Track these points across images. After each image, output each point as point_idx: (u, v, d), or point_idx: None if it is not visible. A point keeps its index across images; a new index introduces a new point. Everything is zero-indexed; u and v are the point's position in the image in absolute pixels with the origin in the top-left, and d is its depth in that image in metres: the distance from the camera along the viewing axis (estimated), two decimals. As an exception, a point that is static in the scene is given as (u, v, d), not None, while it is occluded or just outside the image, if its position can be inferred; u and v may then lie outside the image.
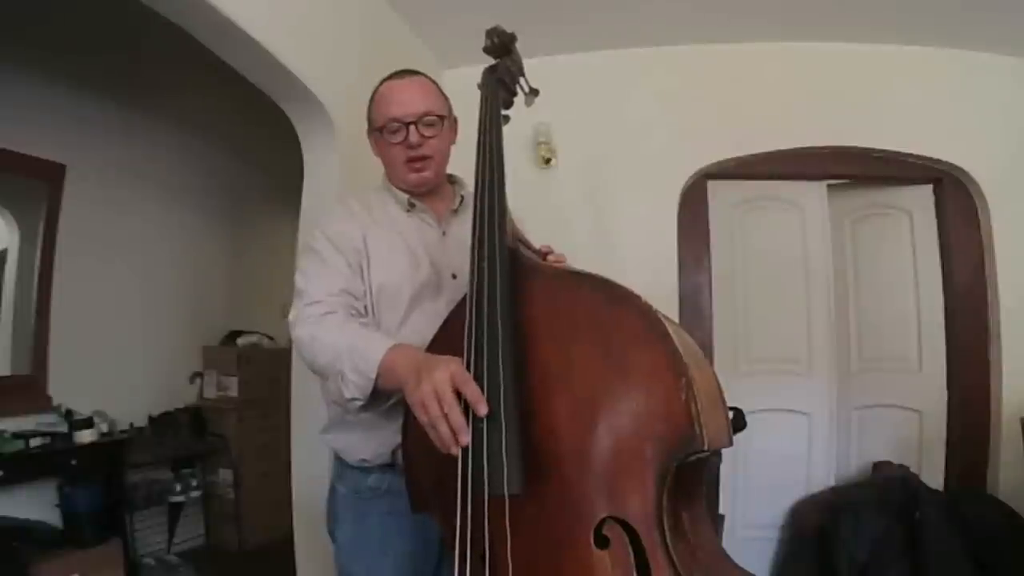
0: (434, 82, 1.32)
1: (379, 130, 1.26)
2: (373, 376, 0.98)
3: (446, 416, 0.84)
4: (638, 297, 0.88)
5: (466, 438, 0.83)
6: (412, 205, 1.28)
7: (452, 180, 1.38)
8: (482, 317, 0.93)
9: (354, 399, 1.02)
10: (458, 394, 0.85)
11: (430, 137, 1.25)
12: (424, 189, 1.29)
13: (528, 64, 1.37)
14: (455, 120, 1.35)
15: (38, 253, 2.98)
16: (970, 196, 2.79)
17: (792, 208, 2.98)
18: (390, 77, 1.30)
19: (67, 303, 3.04)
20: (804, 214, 2.96)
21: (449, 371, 0.86)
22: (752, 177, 2.93)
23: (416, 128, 1.23)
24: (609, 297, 0.89)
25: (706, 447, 0.78)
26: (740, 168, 2.86)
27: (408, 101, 1.24)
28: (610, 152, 2.83)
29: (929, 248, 2.88)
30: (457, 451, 0.84)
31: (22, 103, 2.87)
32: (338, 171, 2.12)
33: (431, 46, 2.76)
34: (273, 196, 4.32)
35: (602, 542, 0.82)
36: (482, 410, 0.84)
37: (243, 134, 3.85)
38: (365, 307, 1.19)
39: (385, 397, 1.04)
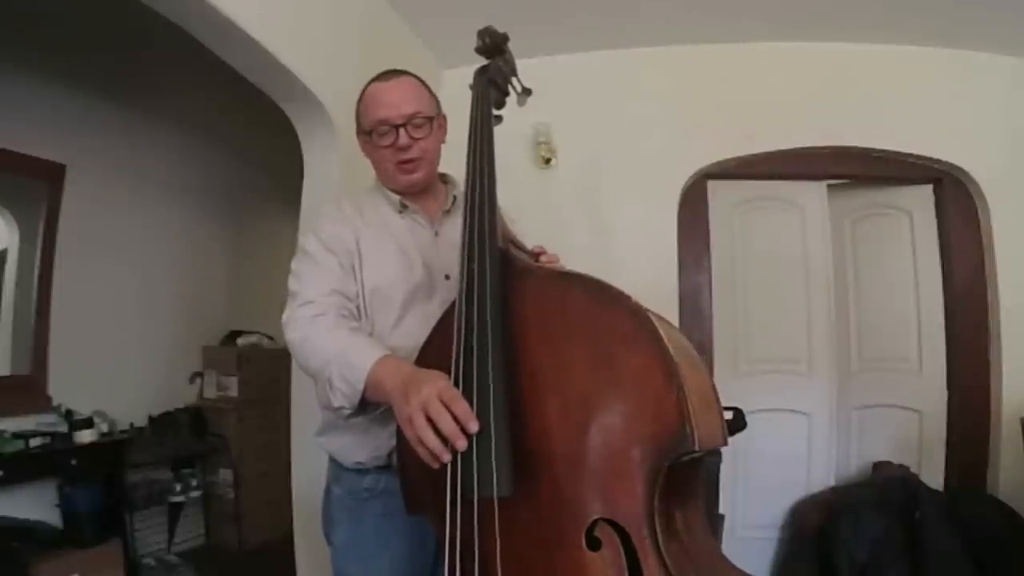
0: (422, 81, 1.31)
1: (368, 133, 1.25)
2: (360, 388, 0.98)
3: (434, 425, 0.83)
4: (628, 298, 0.87)
5: (463, 442, 0.83)
6: (404, 206, 1.28)
7: (445, 180, 1.37)
8: (472, 318, 0.93)
9: (342, 407, 1.02)
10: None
11: (419, 139, 1.24)
12: (415, 191, 1.29)
13: (527, 64, 1.37)
14: (444, 118, 1.34)
15: (38, 253, 2.98)
16: (970, 196, 2.78)
17: (792, 208, 2.98)
18: (377, 78, 1.28)
19: (67, 303, 3.04)
20: (804, 214, 2.96)
21: (436, 387, 0.86)
22: (752, 177, 2.93)
23: (405, 130, 1.22)
24: (599, 298, 0.89)
25: (697, 447, 0.78)
26: (740, 168, 2.86)
27: (396, 103, 1.23)
28: (610, 152, 2.83)
29: (929, 248, 2.88)
30: (448, 457, 0.84)
31: (22, 103, 2.87)
32: (338, 171, 2.12)
33: (431, 46, 2.76)
34: (273, 196, 4.32)
35: (594, 543, 0.82)
36: (472, 427, 0.84)
37: (243, 134, 3.85)
38: (358, 308, 1.19)
39: (374, 406, 1.04)
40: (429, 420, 0.84)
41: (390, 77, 1.27)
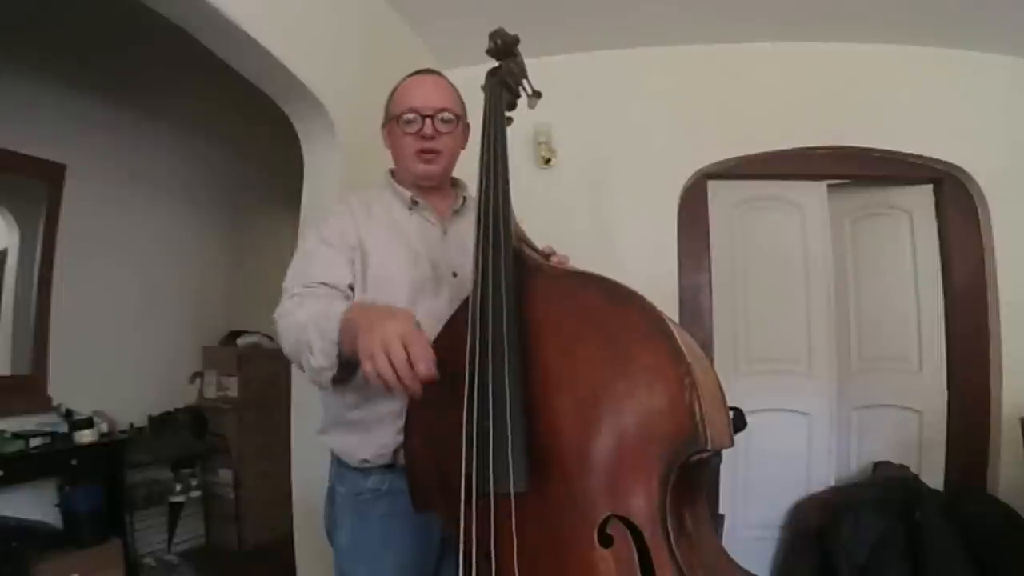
0: (454, 87, 1.34)
1: (396, 119, 1.27)
2: (336, 337, 0.98)
3: (393, 366, 0.84)
4: (641, 297, 0.88)
5: (416, 386, 0.84)
6: (415, 203, 1.29)
7: (454, 183, 1.39)
8: (487, 316, 0.93)
9: (322, 368, 1.01)
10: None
11: (444, 133, 1.27)
12: (428, 184, 1.30)
13: (528, 64, 1.37)
14: (467, 126, 1.35)
15: (38, 253, 2.98)
16: (970, 196, 2.79)
17: (792, 208, 2.98)
18: (414, 73, 1.33)
19: (67, 303, 3.04)
20: (804, 214, 2.96)
21: (399, 327, 0.86)
22: (752, 177, 2.93)
23: (432, 122, 1.25)
24: (613, 297, 0.90)
25: (709, 447, 0.79)
26: (740, 168, 2.86)
27: (429, 96, 1.27)
28: (610, 152, 2.83)
29: (929, 248, 2.88)
30: (416, 388, 0.84)
31: (22, 103, 2.87)
32: (338, 171, 2.12)
33: (431, 46, 2.76)
34: (273, 196, 4.31)
35: (606, 540, 0.82)
36: (421, 369, 0.84)
37: (243, 134, 3.85)
38: (346, 297, 1.19)
39: (359, 367, 1.02)
40: (388, 359, 0.84)
41: (428, 73, 1.32)
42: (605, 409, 0.85)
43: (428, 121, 1.25)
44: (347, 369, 1.03)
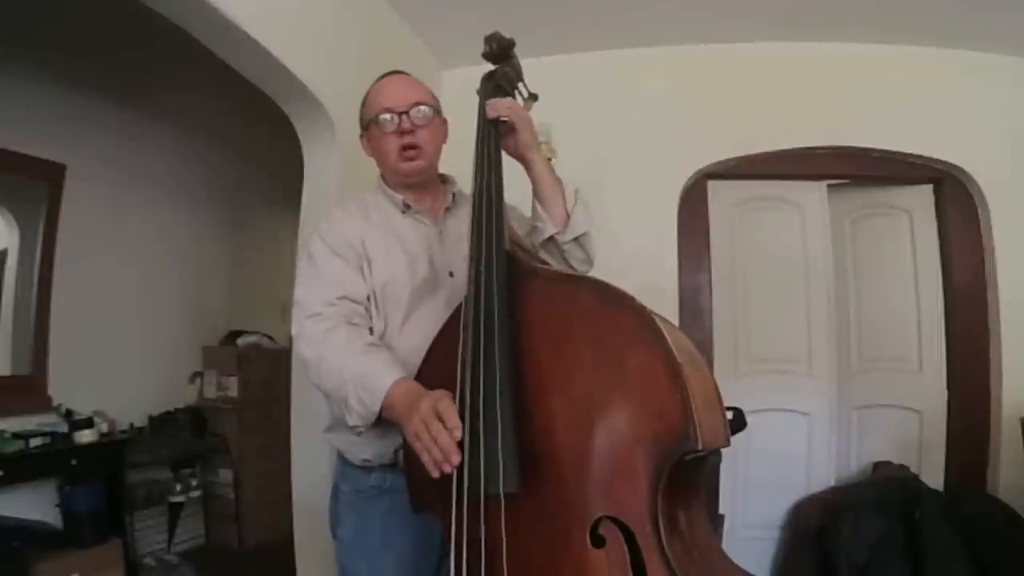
0: (425, 85, 1.35)
1: (372, 121, 1.28)
2: (377, 410, 1.02)
3: (435, 440, 0.86)
4: (633, 299, 0.88)
5: (456, 458, 0.85)
6: (407, 207, 1.29)
7: (444, 179, 1.39)
8: (479, 321, 0.94)
9: (356, 427, 1.06)
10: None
11: (421, 126, 1.27)
12: (416, 180, 1.30)
13: (527, 64, 1.37)
14: (445, 122, 1.36)
15: (38, 253, 2.98)
16: (970, 196, 2.78)
17: (792, 208, 2.97)
18: (379, 78, 1.33)
19: (67, 303, 3.04)
20: (804, 214, 2.96)
21: (431, 400, 0.90)
22: (752, 177, 2.93)
23: (408, 116, 1.26)
24: (604, 299, 0.90)
25: (701, 447, 0.79)
26: (740, 168, 2.85)
27: (400, 93, 1.27)
28: (610, 152, 2.82)
29: (929, 248, 2.88)
30: (450, 470, 0.86)
31: (22, 103, 2.87)
32: (338, 171, 2.12)
33: (431, 46, 2.76)
34: (273, 196, 4.32)
35: (598, 541, 0.82)
36: (456, 435, 0.86)
37: (243, 134, 3.85)
38: (366, 309, 1.20)
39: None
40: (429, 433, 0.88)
41: (393, 74, 1.32)
42: (596, 410, 0.85)
43: (404, 117, 1.25)
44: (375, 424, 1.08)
